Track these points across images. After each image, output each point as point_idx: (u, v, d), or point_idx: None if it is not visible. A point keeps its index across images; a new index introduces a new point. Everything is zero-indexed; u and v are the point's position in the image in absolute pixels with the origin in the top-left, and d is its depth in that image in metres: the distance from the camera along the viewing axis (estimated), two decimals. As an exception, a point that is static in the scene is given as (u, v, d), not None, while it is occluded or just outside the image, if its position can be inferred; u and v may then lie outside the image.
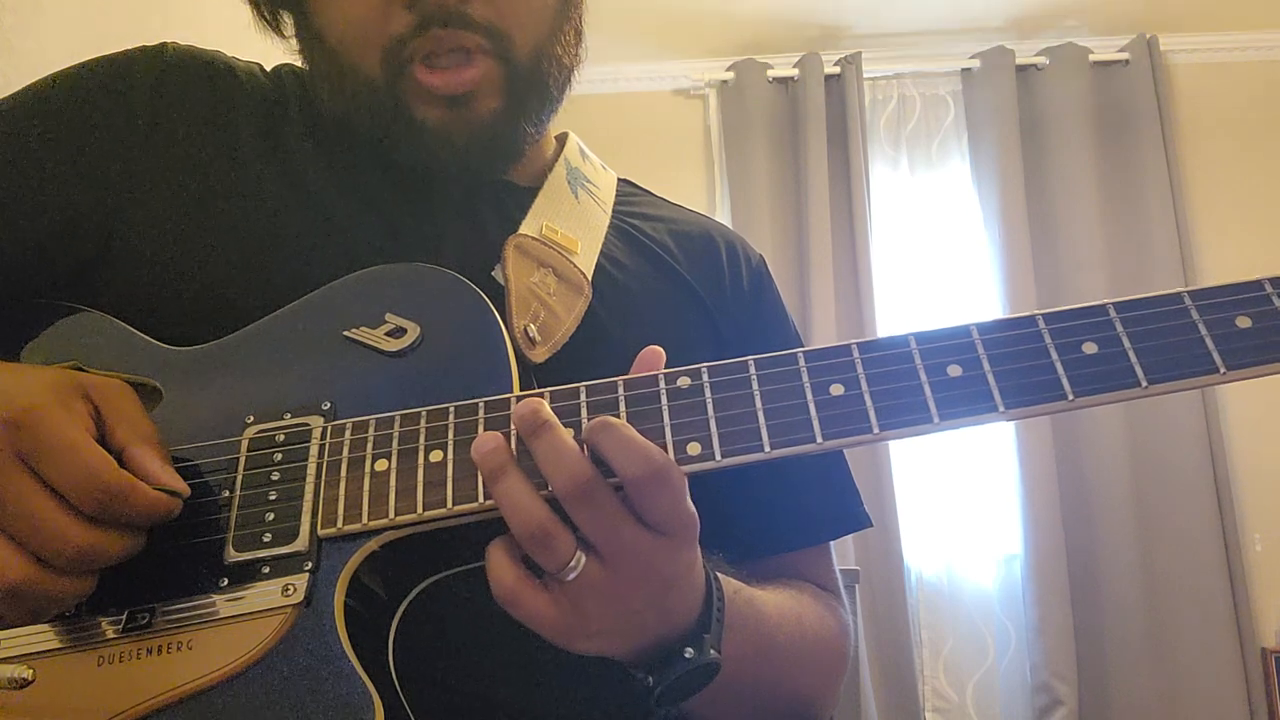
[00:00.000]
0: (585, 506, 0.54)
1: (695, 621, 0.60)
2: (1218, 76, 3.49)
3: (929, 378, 0.56)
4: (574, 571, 0.54)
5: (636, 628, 0.58)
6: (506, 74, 0.75)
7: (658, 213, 0.94)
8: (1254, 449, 3.19)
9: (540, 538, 0.54)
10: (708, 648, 0.59)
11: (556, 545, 0.54)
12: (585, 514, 0.54)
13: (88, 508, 0.53)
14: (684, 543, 0.57)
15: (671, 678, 0.58)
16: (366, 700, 0.53)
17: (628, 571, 0.55)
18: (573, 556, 0.54)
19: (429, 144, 0.76)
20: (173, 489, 0.57)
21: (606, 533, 0.54)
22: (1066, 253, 3.29)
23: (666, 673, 0.58)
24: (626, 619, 0.57)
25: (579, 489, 0.54)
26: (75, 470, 0.53)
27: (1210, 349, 0.54)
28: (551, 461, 0.54)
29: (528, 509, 0.54)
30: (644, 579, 0.56)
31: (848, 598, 0.91)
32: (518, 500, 0.54)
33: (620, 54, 3.39)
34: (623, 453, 0.54)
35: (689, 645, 0.59)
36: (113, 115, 0.75)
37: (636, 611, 0.57)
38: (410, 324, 0.66)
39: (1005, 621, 3.15)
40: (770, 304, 0.93)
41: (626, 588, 0.56)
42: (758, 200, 3.31)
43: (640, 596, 0.57)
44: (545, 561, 0.55)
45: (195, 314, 0.70)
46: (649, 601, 0.57)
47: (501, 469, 0.55)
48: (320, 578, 0.57)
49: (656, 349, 0.61)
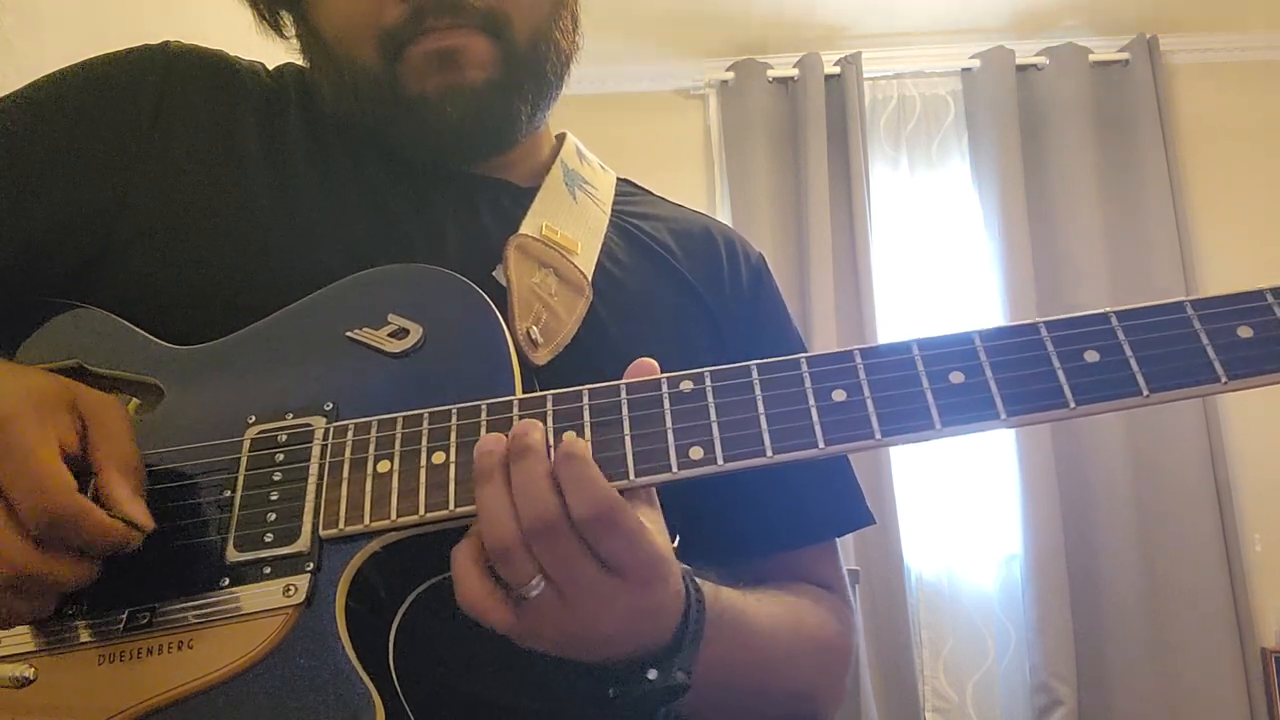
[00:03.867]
0: (543, 542, 0.54)
1: (666, 644, 0.59)
2: (1218, 76, 3.49)
3: (931, 384, 0.56)
4: (534, 590, 0.54)
5: (596, 648, 0.58)
6: (503, 52, 0.76)
7: (657, 212, 0.94)
8: (1254, 449, 3.20)
9: (505, 554, 0.54)
10: (674, 670, 0.58)
11: (519, 566, 0.54)
12: (543, 548, 0.54)
13: (34, 528, 0.52)
14: (647, 584, 0.56)
15: (632, 695, 0.58)
16: (367, 701, 0.53)
17: (585, 607, 0.55)
18: (532, 578, 0.54)
19: (424, 118, 0.76)
20: (131, 519, 0.56)
21: (563, 570, 0.54)
22: (1066, 253, 3.29)
23: (628, 689, 0.58)
24: (584, 643, 0.57)
25: (540, 524, 0.53)
26: (28, 485, 0.52)
27: (1212, 358, 0.54)
28: (522, 490, 0.54)
29: (502, 522, 0.54)
30: (599, 615, 0.56)
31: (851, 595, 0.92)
32: (493, 510, 0.54)
33: (620, 54, 3.39)
34: (575, 488, 0.53)
35: (654, 666, 0.58)
36: (115, 114, 0.75)
37: (594, 639, 0.57)
38: (413, 325, 0.65)
39: (1005, 622, 3.15)
40: (770, 302, 0.93)
41: (583, 619, 0.56)
42: (758, 200, 3.31)
43: (598, 629, 0.56)
44: (505, 575, 0.54)
45: (197, 312, 0.70)
46: (608, 633, 0.57)
47: (489, 474, 0.55)
48: (322, 578, 0.57)
49: (649, 361, 0.61)
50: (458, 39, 0.74)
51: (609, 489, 0.54)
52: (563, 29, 0.81)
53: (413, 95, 0.75)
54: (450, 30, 0.74)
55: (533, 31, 0.77)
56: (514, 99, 0.78)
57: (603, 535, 0.54)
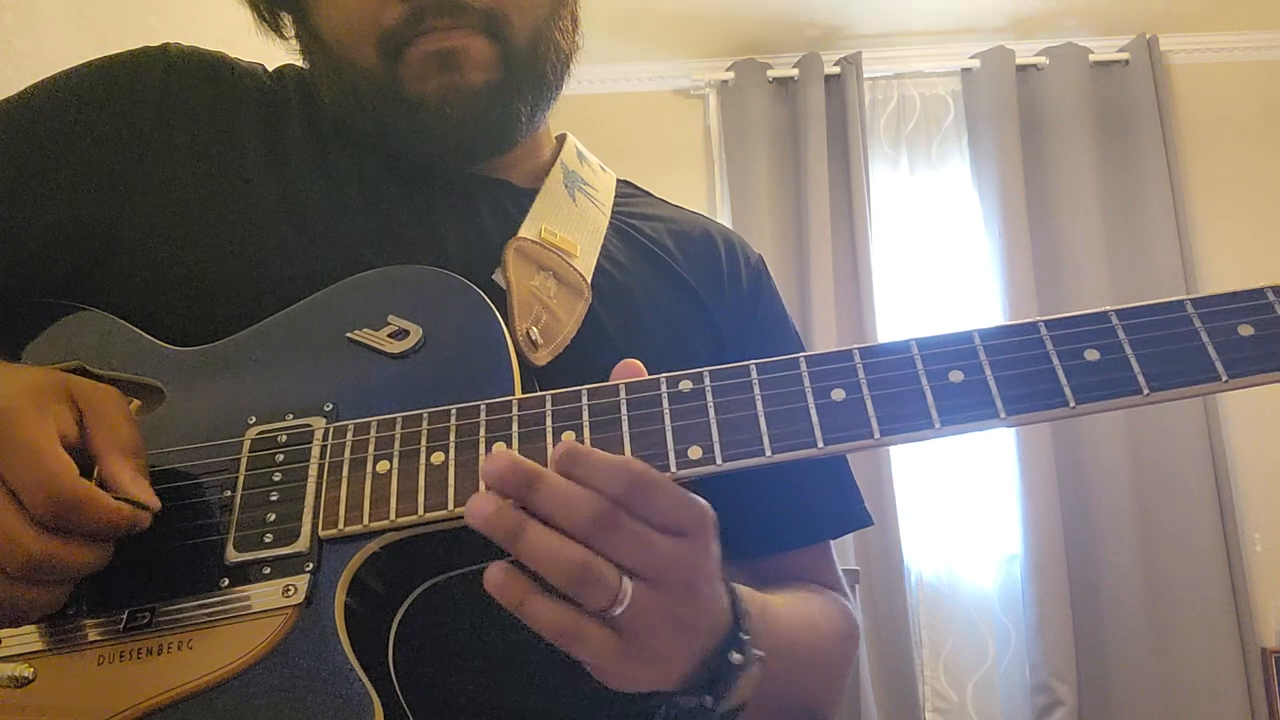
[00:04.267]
0: (615, 535, 0.52)
1: (730, 625, 0.59)
2: (1218, 76, 3.49)
3: (930, 383, 0.56)
4: (623, 603, 0.52)
5: (693, 639, 0.56)
6: (502, 52, 0.76)
7: (657, 213, 0.94)
8: (1254, 449, 3.20)
9: (584, 577, 0.51)
10: (749, 647, 0.58)
11: (603, 578, 0.51)
12: (618, 543, 0.52)
13: (41, 515, 0.52)
14: (707, 534, 0.55)
15: (728, 687, 0.57)
16: (366, 701, 0.53)
17: (671, 583, 0.53)
18: (619, 586, 0.52)
19: (424, 120, 0.76)
20: (138, 501, 0.56)
21: (641, 550, 0.52)
22: (1066, 253, 3.29)
23: (721, 684, 0.57)
24: (683, 632, 0.55)
25: (604, 522, 0.51)
26: (31, 475, 0.52)
27: (1212, 357, 0.54)
28: (563, 507, 0.51)
29: (563, 553, 0.51)
30: (690, 586, 0.54)
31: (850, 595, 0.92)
32: (550, 549, 0.51)
33: (620, 54, 3.39)
34: (597, 476, 0.52)
35: (732, 649, 0.57)
36: (116, 116, 0.76)
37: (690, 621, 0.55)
38: (413, 326, 0.66)
39: (1005, 622, 3.15)
40: (769, 303, 0.94)
41: (673, 604, 0.54)
42: (758, 200, 3.31)
43: (689, 604, 0.55)
44: (594, 600, 0.51)
45: (197, 314, 0.70)
46: (700, 606, 0.56)
47: (519, 526, 0.51)
48: (321, 578, 0.57)
49: (634, 362, 0.60)
50: (457, 40, 0.74)
51: (624, 458, 0.53)
52: (562, 29, 0.81)
53: (412, 97, 0.75)
54: (450, 31, 0.74)
55: (532, 32, 0.77)
56: (514, 100, 0.78)
57: (648, 500, 0.53)
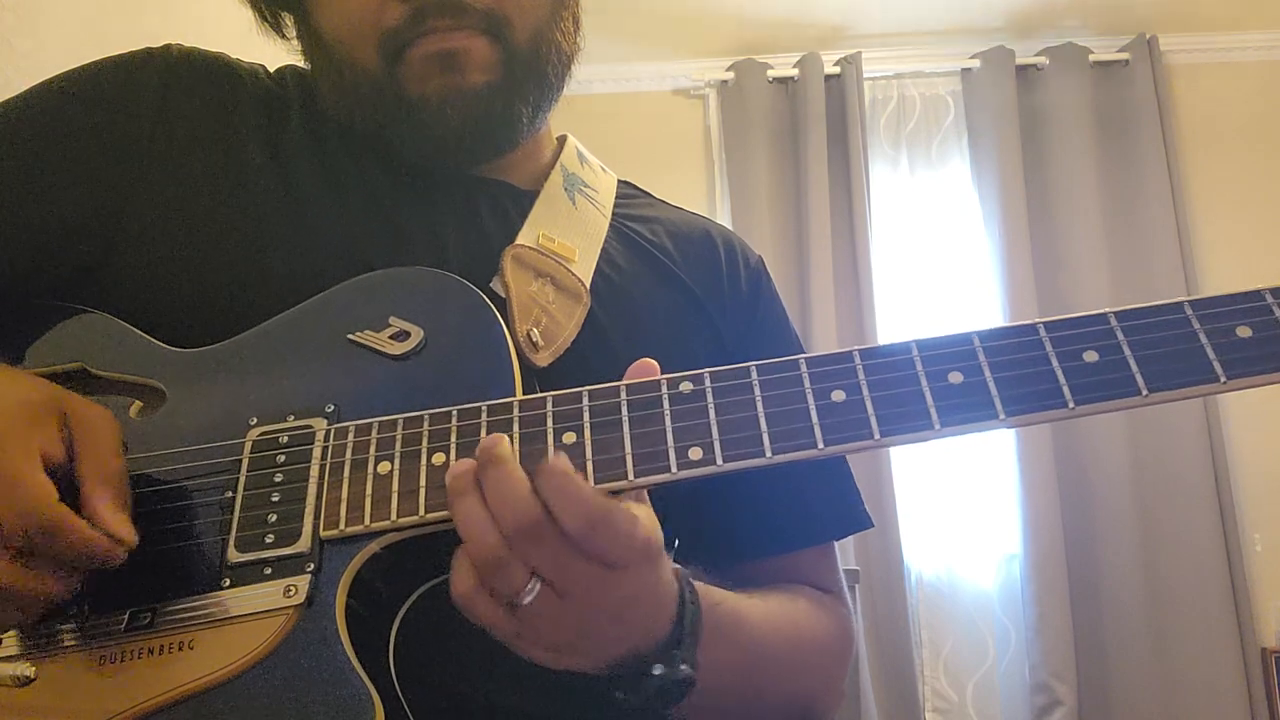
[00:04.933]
0: (532, 545, 0.53)
1: (665, 637, 0.59)
2: (1218, 76, 3.49)
3: (930, 384, 0.56)
4: (528, 597, 0.54)
5: (595, 647, 0.57)
6: (504, 54, 0.76)
7: (656, 214, 0.94)
8: (1254, 449, 3.20)
9: (495, 567, 0.53)
10: (678, 663, 0.58)
11: (509, 575, 0.53)
12: (532, 552, 0.53)
13: (13, 541, 0.52)
14: (639, 567, 0.56)
15: (642, 695, 0.57)
16: (367, 701, 0.53)
17: (580, 599, 0.55)
18: (525, 585, 0.54)
19: (425, 121, 0.76)
20: (113, 534, 0.55)
21: (556, 569, 0.54)
22: (1066, 253, 3.29)
23: (636, 689, 0.58)
24: (583, 639, 0.57)
25: (524, 529, 0.53)
26: (7, 499, 0.52)
27: (1211, 358, 0.54)
28: (500, 498, 0.53)
29: (485, 536, 0.53)
30: (598, 605, 0.55)
31: (849, 597, 0.92)
32: (477, 525, 0.53)
33: (620, 54, 3.39)
34: (561, 502, 0.53)
35: (659, 662, 0.58)
36: (117, 118, 0.76)
37: (593, 633, 0.57)
38: (414, 328, 0.66)
39: (1005, 621, 3.15)
40: (769, 305, 0.93)
41: (579, 613, 0.55)
42: (758, 200, 3.31)
43: (595, 619, 0.56)
44: (498, 586, 0.54)
45: (198, 315, 0.70)
46: (606, 623, 0.57)
47: (465, 489, 0.54)
48: (322, 579, 0.57)
49: (650, 361, 0.61)
50: (458, 40, 0.74)
51: (595, 496, 0.53)
52: (564, 30, 0.81)
53: (413, 97, 0.75)
54: (451, 32, 0.74)
55: (534, 33, 0.77)
56: (515, 101, 0.78)
57: (598, 539, 0.53)
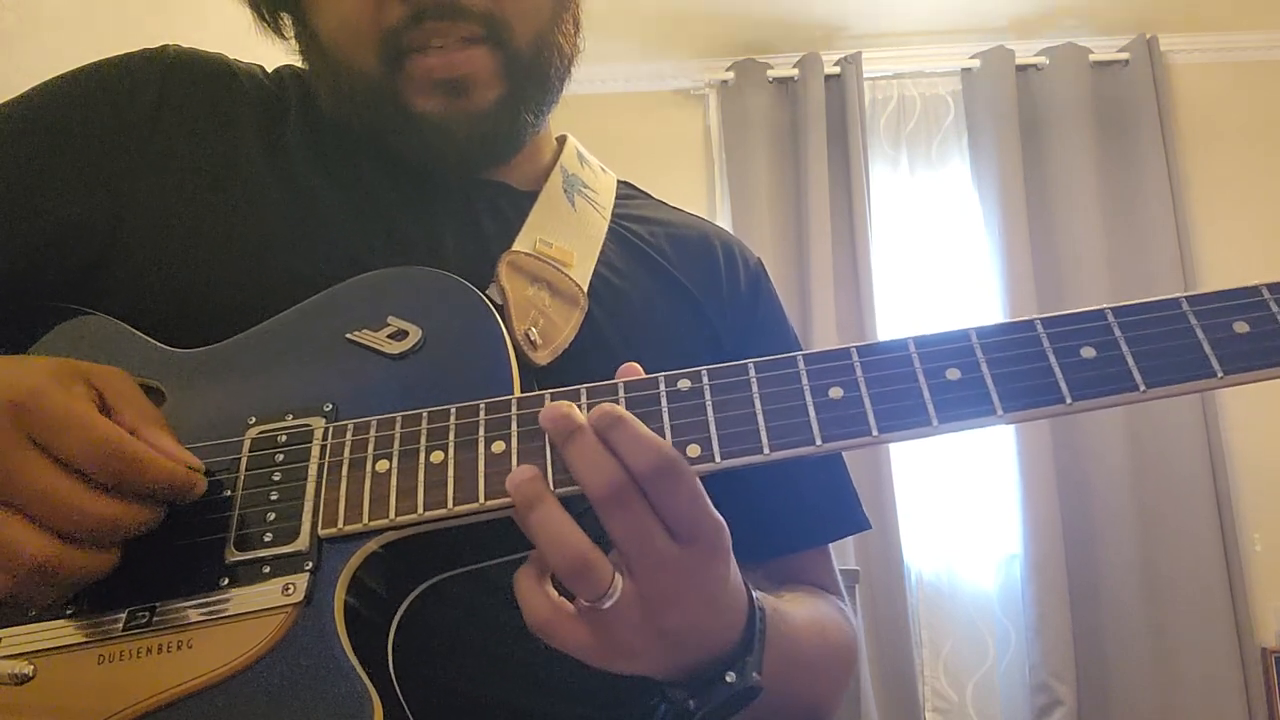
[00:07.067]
0: (619, 510, 0.53)
1: (737, 643, 0.59)
2: (1218, 76, 3.49)
3: (928, 380, 0.56)
4: (611, 598, 0.53)
5: (675, 648, 0.57)
6: (506, 62, 0.75)
7: (655, 216, 0.94)
8: (1254, 449, 3.20)
9: (581, 568, 0.53)
10: (750, 671, 0.58)
11: (597, 574, 0.53)
12: (619, 519, 0.53)
13: (104, 478, 0.53)
14: (712, 553, 0.56)
15: (714, 702, 0.57)
16: (366, 700, 0.53)
17: (661, 588, 0.54)
18: (610, 583, 0.53)
19: (428, 137, 0.76)
20: (189, 463, 0.57)
21: (640, 541, 0.53)
22: (1066, 253, 3.29)
23: (708, 697, 0.57)
24: (664, 640, 0.56)
25: (614, 493, 0.53)
26: (89, 441, 0.53)
27: (1208, 353, 0.54)
28: (587, 466, 0.53)
29: (569, 540, 0.53)
30: (678, 596, 0.55)
31: (847, 598, 0.92)
32: (558, 531, 0.53)
33: (620, 54, 3.40)
34: (633, 445, 0.53)
35: (730, 669, 0.57)
36: (115, 119, 0.76)
37: (673, 632, 0.56)
38: (412, 327, 0.66)
39: (1005, 621, 3.15)
40: (768, 307, 0.93)
41: (661, 607, 0.55)
42: (757, 200, 3.31)
43: (676, 615, 0.55)
44: (584, 591, 0.53)
45: (197, 316, 0.70)
46: (686, 621, 0.56)
47: (538, 498, 0.54)
48: (321, 577, 0.57)
49: (634, 365, 0.61)
50: (460, 61, 0.73)
51: (665, 442, 0.54)
52: (564, 33, 0.80)
53: (415, 110, 0.75)
54: (452, 51, 0.73)
55: (535, 37, 0.77)
56: (520, 111, 0.78)
57: (667, 491, 0.53)
